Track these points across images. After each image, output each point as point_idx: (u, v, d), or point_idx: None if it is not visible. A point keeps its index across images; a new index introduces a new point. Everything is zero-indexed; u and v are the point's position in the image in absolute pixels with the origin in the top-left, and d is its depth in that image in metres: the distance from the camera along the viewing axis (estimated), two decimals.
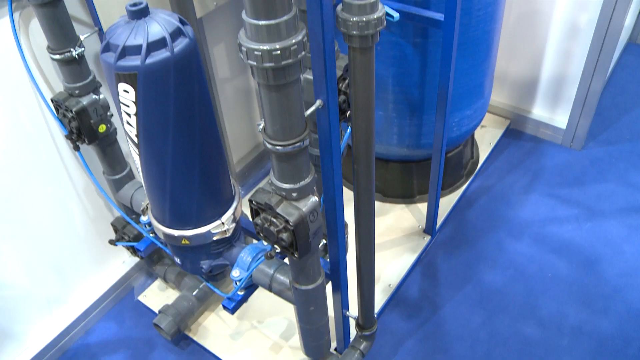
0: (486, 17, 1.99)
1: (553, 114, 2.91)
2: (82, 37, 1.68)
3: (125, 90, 1.32)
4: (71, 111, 1.71)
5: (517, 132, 3.02)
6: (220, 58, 2.36)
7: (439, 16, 1.71)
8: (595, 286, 2.22)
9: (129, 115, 1.37)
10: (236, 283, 1.68)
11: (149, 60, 1.27)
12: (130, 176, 1.98)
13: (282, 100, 1.13)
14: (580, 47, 2.61)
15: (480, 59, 2.11)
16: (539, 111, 2.94)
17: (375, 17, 1.15)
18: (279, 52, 1.04)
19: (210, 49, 2.27)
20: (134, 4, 1.30)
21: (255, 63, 1.06)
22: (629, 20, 3.21)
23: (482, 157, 2.80)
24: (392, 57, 1.95)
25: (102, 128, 1.78)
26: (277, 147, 1.19)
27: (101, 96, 1.76)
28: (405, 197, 2.57)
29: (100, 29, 1.73)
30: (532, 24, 2.66)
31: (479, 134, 2.93)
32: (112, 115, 1.82)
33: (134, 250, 2.09)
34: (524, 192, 2.66)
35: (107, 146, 1.86)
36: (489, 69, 2.23)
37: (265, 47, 1.03)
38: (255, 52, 1.04)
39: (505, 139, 2.97)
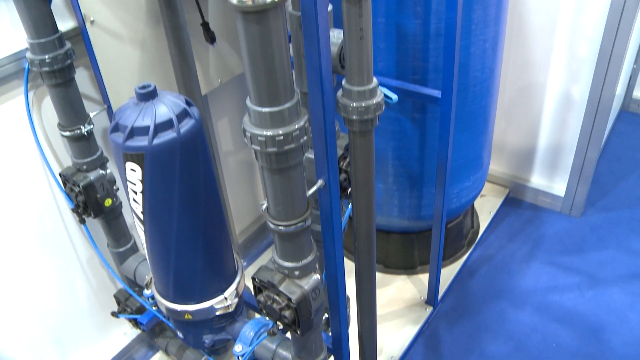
0: (482, 92, 2.05)
1: (551, 182, 2.95)
2: (91, 115, 1.74)
3: (132, 169, 1.36)
4: (78, 186, 1.74)
5: (516, 200, 3.05)
6: (224, 131, 2.43)
7: (437, 93, 1.78)
8: (601, 356, 2.20)
9: (135, 193, 1.40)
10: (239, 358, 1.68)
11: (156, 141, 1.31)
12: (134, 249, 2.00)
13: (284, 182, 1.17)
14: (575, 118, 2.68)
15: (478, 131, 2.17)
16: (537, 179, 2.99)
17: (374, 102, 1.20)
18: (281, 137, 1.08)
19: (214, 123, 2.34)
20: (143, 87, 1.36)
21: (258, 148, 1.10)
22: (620, 90, 3.31)
23: (483, 227, 2.83)
24: (392, 131, 2.01)
25: (108, 202, 1.81)
26: (280, 227, 1.22)
27: (108, 171, 1.80)
28: (407, 268, 2.57)
29: (109, 106, 1.79)
30: (528, 95, 2.74)
31: (478, 203, 2.96)
32: (117, 189, 1.85)
33: (136, 323, 2.08)
34: (525, 260, 2.67)
35: (112, 219, 1.89)
36: (486, 140, 2.29)
37: (269, 132, 1.08)
38: (259, 138, 1.09)
39: (505, 208, 3.00)
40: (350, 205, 1.44)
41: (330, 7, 1.37)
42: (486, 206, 2.96)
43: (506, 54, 2.62)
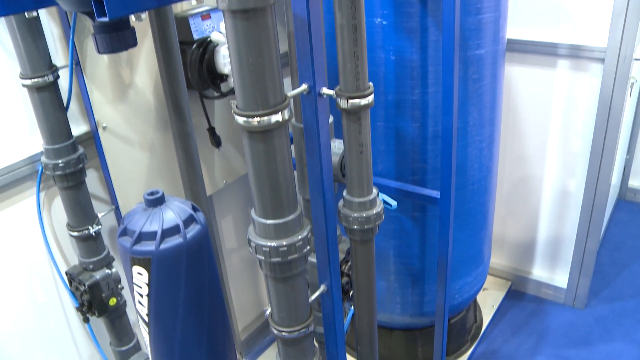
0: (480, 189, 2.11)
1: (553, 273, 2.96)
2: (99, 215, 1.79)
3: (139, 273, 1.39)
4: (84, 285, 1.77)
5: (519, 293, 3.05)
6: (227, 229, 2.47)
7: (435, 194, 1.83)
8: None
9: (141, 295, 1.42)
10: None
11: (163, 246, 1.35)
12: (137, 347, 1.99)
13: (288, 290, 1.20)
14: (572, 210, 2.72)
15: (478, 228, 2.21)
16: (538, 272, 3.00)
17: (374, 212, 1.25)
18: (285, 248, 1.12)
19: (218, 222, 2.39)
20: (152, 193, 1.41)
21: (263, 258, 1.14)
22: (615, 179, 3.38)
23: (486, 321, 2.81)
24: (393, 230, 2.06)
25: (112, 301, 1.83)
26: (284, 334, 1.24)
27: (114, 270, 1.83)
28: None
29: (117, 207, 1.84)
30: (525, 189, 2.80)
31: (481, 296, 2.96)
32: (122, 287, 1.87)
33: None
34: (530, 355, 2.63)
35: (116, 318, 1.90)
36: (486, 236, 2.32)
37: (273, 243, 1.12)
38: (264, 248, 1.13)
39: (507, 301, 2.99)
40: (352, 309, 1.46)
41: (331, 119, 1.45)
42: (489, 300, 2.96)
43: (502, 149, 2.71)
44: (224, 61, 1.69)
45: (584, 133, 2.55)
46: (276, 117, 1.02)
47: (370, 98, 1.16)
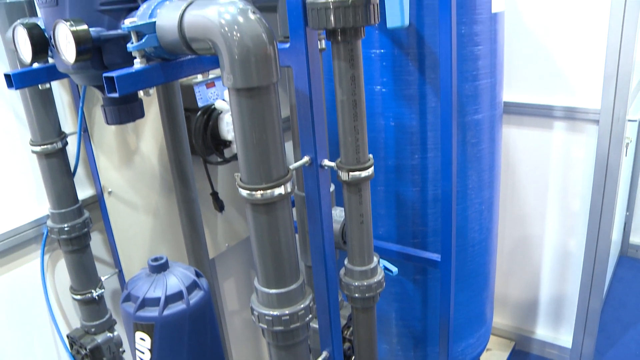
0: (481, 251, 2.13)
1: (557, 333, 2.93)
2: (103, 279, 1.80)
3: (142, 338, 1.40)
4: (85, 348, 1.76)
5: (523, 353, 3.01)
6: (229, 292, 2.47)
7: (436, 257, 1.85)
8: None
9: None
10: None
11: (166, 312, 1.36)
12: None
13: (290, 358, 1.20)
14: (574, 269, 2.73)
15: (479, 289, 2.21)
16: (542, 331, 2.97)
17: (375, 280, 1.27)
18: (288, 317, 1.13)
19: (220, 284, 2.39)
20: (155, 259, 1.43)
21: (265, 326, 1.15)
22: (616, 235, 3.39)
23: None
24: (394, 293, 2.06)
25: None
26: None
27: (115, 333, 1.83)
28: None
29: (120, 270, 1.86)
30: (526, 248, 2.81)
31: (484, 357, 2.92)
32: (124, 351, 1.87)
33: None
34: None
35: None
36: (488, 297, 2.32)
37: (276, 312, 1.13)
38: (266, 317, 1.14)
39: None
40: None
41: (332, 187, 1.49)
42: None
43: (502, 210, 2.74)
44: (228, 128, 1.74)
45: (583, 192, 2.58)
46: (279, 191, 1.05)
47: (370, 170, 1.19)
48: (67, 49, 1.15)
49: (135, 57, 1.14)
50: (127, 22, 1.11)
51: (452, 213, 1.77)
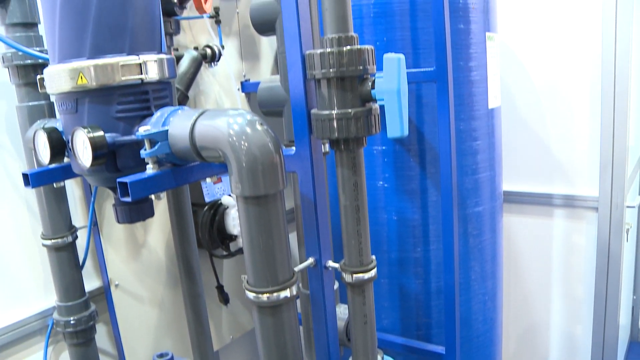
0: (485, 342, 2.12)
1: None
2: None
3: None
4: None
5: None
6: None
7: (440, 349, 1.84)
8: None
9: None
10: None
11: None
12: None
13: None
14: (582, 356, 2.69)
15: None
16: None
17: None
18: None
19: None
20: (161, 355, 1.44)
21: None
22: (624, 320, 3.34)
23: None
24: None
25: None
26: None
27: None
28: None
29: None
30: (532, 337, 2.79)
31: None
32: None
33: None
34: None
35: None
36: None
37: None
38: None
39: None
40: None
41: (336, 285, 1.51)
42: None
43: (506, 298, 2.73)
44: (234, 223, 1.78)
45: (586, 279, 2.59)
46: (285, 294, 1.07)
47: (373, 272, 1.22)
48: (83, 154, 1.21)
49: (147, 163, 1.19)
50: (142, 130, 1.17)
51: (456, 305, 1.78)
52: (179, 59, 1.82)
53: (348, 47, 1.09)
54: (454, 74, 1.74)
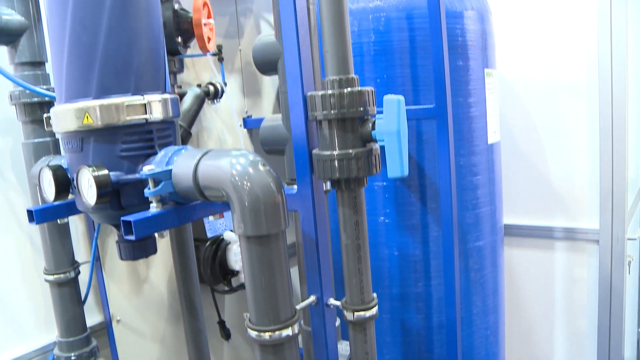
0: None
1: None
2: None
3: None
4: None
5: None
6: None
7: None
8: None
9: None
10: None
11: None
12: None
13: None
14: None
15: None
16: None
17: None
18: None
19: None
20: None
21: None
22: (629, 353, 3.30)
23: None
24: None
25: None
26: None
27: None
28: None
29: None
30: None
31: None
32: None
33: None
34: None
35: None
36: None
37: None
38: None
39: None
40: None
41: (337, 322, 1.51)
42: None
43: (508, 332, 2.69)
44: (236, 258, 1.79)
45: (589, 312, 2.57)
46: (287, 332, 1.08)
47: (375, 310, 1.23)
48: (88, 192, 1.23)
49: (151, 201, 1.21)
50: (146, 170, 1.19)
51: (458, 340, 1.77)
52: (182, 96, 1.85)
53: (349, 89, 1.12)
54: (454, 110, 1.77)
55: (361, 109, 1.12)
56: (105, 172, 1.22)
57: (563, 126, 2.54)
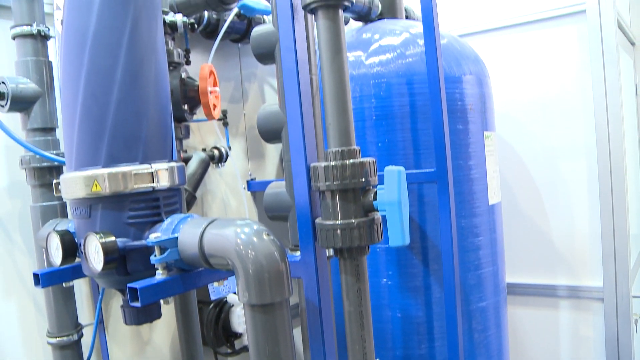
0: None
1: None
2: None
3: None
4: None
5: None
6: None
7: None
8: None
9: None
10: None
11: None
12: None
13: None
14: None
15: None
16: None
17: None
18: None
19: None
20: None
21: None
22: None
23: None
24: None
25: None
26: None
27: None
28: None
29: None
30: None
31: None
32: None
33: None
34: None
35: None
36: None
37: None
38: None
39: None
40: None
41: None
42: None
43: None
44: (239, 321, 1.79)
45: None
46: None
47: None
48: (95, 258, 1.25)
49: (157, 268, 1.23)
50: (152, 237, 1.21)
51: None
52: (187, 160, 1.89)
53: (351, 161, 1.15)
54: (454, 172, 1.81)
55: (363, 179, 1.15)
56: (113, 239, 1.24)
57: (563, 185, 2.57)
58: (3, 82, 1.58)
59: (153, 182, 1.28)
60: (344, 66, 1.19)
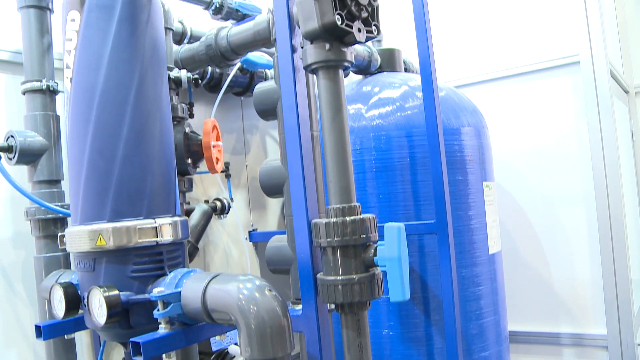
0: None
1: None
2: None
3: None
4: None
5: None
6: None
7: None
8: None
9: None
10: None
11: None
12: None
13: None
14: None
15: None
16: None
17: None
18: None
19: None
20: None
21: None
22: None
23: None
24: None
25: None
26: None
27: None
28: None
29: None
30: None
31: None
32: None
33: None
34: None
35: None
36: None
37: None
38: None
39: None
40: None
41: None
42: None
43: None
44: None
45: None
46: None
47: None
48: (98, 312, 1.26)
49: (160, 322, 1.24)
50: (156, 292, 1.23)
51: None
52: (190, 212, 1.92)
53: (351, 218, 1.17)
54: (454, 223, 1.82)
55: (363, 236, 1.17)
56: (116, 292, 1.25)
57: (563, 232, 2.58)
58: (12, 136, 1.62)
59: (157, 237, 1.30)
60: (344, 125, 1.22)
